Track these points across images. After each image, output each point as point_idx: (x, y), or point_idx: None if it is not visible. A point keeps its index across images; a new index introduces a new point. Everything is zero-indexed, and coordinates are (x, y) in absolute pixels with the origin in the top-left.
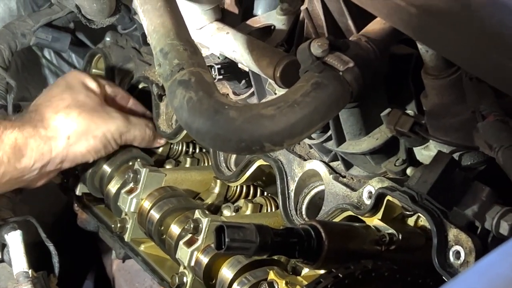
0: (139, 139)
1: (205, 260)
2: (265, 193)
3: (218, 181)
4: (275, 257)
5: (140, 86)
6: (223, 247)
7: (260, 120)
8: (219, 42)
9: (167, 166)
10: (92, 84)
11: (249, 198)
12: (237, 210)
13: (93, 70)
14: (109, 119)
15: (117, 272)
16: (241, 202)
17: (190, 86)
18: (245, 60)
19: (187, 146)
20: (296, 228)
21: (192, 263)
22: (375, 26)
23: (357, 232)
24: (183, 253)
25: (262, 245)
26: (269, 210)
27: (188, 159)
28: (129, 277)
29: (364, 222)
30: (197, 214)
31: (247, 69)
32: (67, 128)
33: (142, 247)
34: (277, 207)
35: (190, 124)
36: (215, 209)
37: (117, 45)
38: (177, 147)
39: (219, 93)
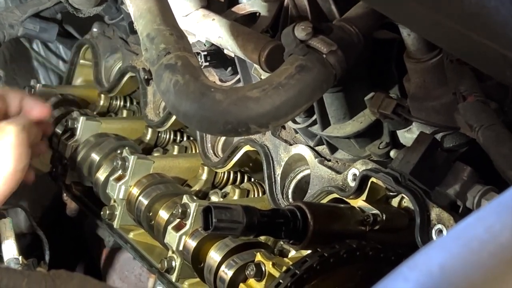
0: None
1: (193, 244)
2: (252, 179)
3: (206, 167)
4: (262, 241)
5: (128, 75)
6: (210, 227)
7: (246, 102)
8: (205, 28)
9: (155, 154)
10: None
11: (236, 184)
12: (224, 196)
13: (81, 61)
14: None
15: (106, 261)
16: (228, 188)
17: (177, 70)
18: (230, 46)
19: (175, 135)
20: (282, 209)
21: (181, 248)
22: (358, 10)
23: (342, 212)
24: (171, 237)
25: (249, 225)
26: (256, 196)
27: (176, 147)
28: (119, 265)
29: (349, 204)
30: (185, 199)
31: (233, 55)
32: None
33: (131, 235)
34: (264, 193)
35: (177, 107)
36: (203, 196)
37: (104, 35)
38: (164, 136)
39: (205, 76)
